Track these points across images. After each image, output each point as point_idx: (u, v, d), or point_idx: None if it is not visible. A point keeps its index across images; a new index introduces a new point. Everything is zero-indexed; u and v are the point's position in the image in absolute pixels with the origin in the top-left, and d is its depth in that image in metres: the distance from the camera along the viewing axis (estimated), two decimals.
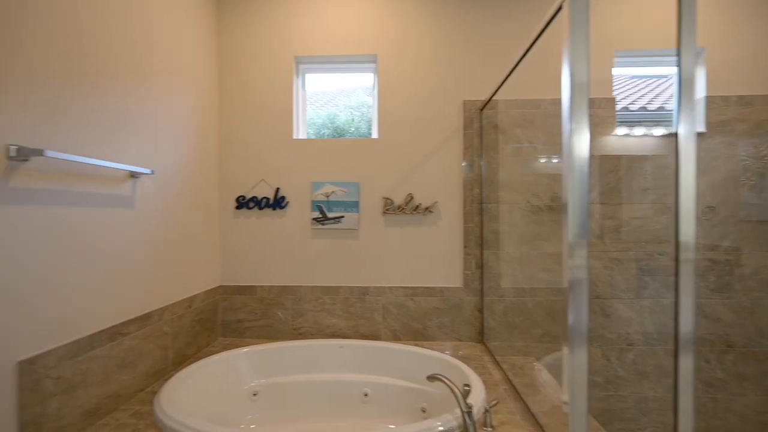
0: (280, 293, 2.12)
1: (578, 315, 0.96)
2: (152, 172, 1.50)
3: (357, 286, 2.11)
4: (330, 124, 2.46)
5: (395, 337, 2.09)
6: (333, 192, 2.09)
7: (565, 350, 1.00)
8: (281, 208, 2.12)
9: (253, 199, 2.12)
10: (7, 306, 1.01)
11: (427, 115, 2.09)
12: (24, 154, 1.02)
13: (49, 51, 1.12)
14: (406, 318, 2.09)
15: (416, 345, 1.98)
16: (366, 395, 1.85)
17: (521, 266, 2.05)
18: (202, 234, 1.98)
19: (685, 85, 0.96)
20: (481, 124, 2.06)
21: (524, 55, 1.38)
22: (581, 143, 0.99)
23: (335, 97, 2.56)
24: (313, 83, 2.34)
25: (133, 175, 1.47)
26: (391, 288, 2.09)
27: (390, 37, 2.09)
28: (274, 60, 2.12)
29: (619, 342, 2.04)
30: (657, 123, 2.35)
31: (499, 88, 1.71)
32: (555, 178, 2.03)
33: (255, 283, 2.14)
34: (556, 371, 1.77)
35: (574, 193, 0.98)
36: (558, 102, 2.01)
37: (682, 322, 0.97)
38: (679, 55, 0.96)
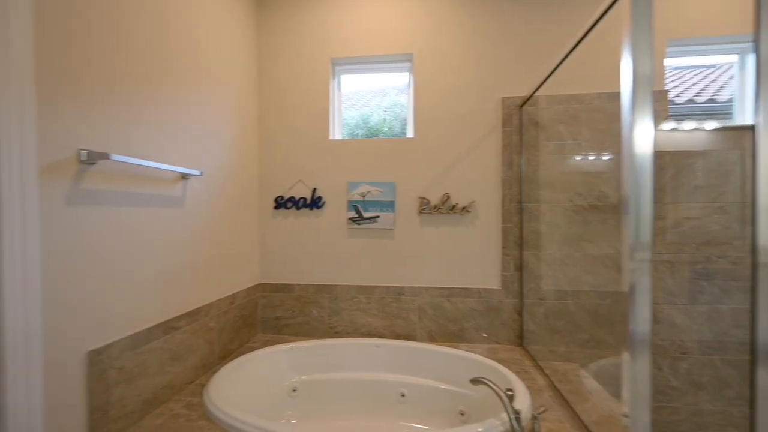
0: (316, 292, 2.16)
1: (641, 321, 0.91)
2: (201, 174, 1.56)
3: (392, 286, 2.10)
4: (363, 125, 2.47)
5: (431, 338, 2.07)
6: (369, 192, 2.10)
7: (626, 359, 0.95)
8: (318, 208, 2.15)
9: (291, 199, 2.17)
10: (78, 299, 1.08)
11: (463, 113, 2.05)
12: (92, 158, 1.09)
13: (113, 61, 1.19)
14: (442, 319, 2.07)
15: (453, 347, 1.96)
16: (403, 395, 1.84)
17: (563, 268, 1.97)
18: (243, 233, 2.05)
19: (764, 71, 0.88)
20: (520, 121, 2.00)
21: (573, 48, 1.33)
22: (644, 138, 0.93)
23: (368, 98, 2.57)
24: (347, 84, 2.36)
25: (184, 176, 1.54)
26: (427, 288, 2.07)
27: (426, 36, 2.07)
28: (311, 62, 2.16)
29: (672, 350, 1.91)
30: (709, 116, 2.19)
31: (542, 83, 1.65)
32: (600, 176, 1.93)
33: (292, 281, 2.19)
34: (604, 379, 1.69)
35: (635, 191, 0.92)
36: (604, 96, 1.93)
37: (761, 331, 0.89)
38: (757, 40, 0.88)
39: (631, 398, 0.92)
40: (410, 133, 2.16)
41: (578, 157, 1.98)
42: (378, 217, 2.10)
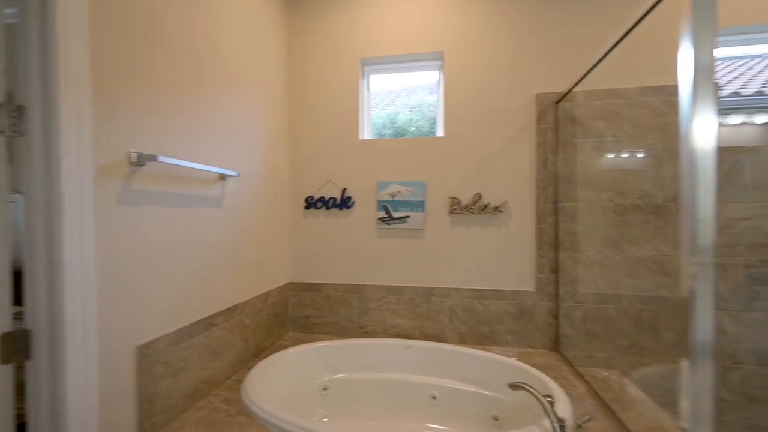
0: (346, 291, 2.17)
1: (702, 329, 0.85)
2: (238, 174, 1.60)
3: (422, 287, 2.08)
4: (390, 125, 2.46)
5: (462, 340, 2.04)
6: (399, 192, 2.09)
7: (685, 369, 0.89)
8: (347, 207, 2.16)
9: (321, 199, 2.19)
10: (128, 295, 1.13)
11: (495, 111, 2.00)
12: (141, 160, 1.14)
13: (159, 68, 1.24)
14: (473, 321, 2.03)
15: (485, 349, 1.91)
16: (434, 398, 1.82)
17: (603, 271, 1.89)
18: (275, 233, 2.08)
19: None
20: (556, 118, 1.93)
21: (620, 40, 1.26)
22: (705, 133, 0.87)
23: (394, 97, 2.56)
24: (374, 84, 2.36)
25: (222, 177, 1.58)
26: (457, 289, 2.04)
27: (457, 33, 2.04)
28: (341, 63, 2.17)
29: (723, 359, 1.79)
30: (760, 109, 2.04)
31: (583, 77, 1.59)
32: (643, 174, 1.84)
33: (322, 280, 2.21)
34: (649, 388, 1.60)
35: (695, 190, 0.86)
36: (648, 90, 1.83)
37: None
38: None
39: (691, 412, 0.86)
40: (440, 132, 2.13)
41: (619, 155, 1.89)
42: (408, 217, 2.08)
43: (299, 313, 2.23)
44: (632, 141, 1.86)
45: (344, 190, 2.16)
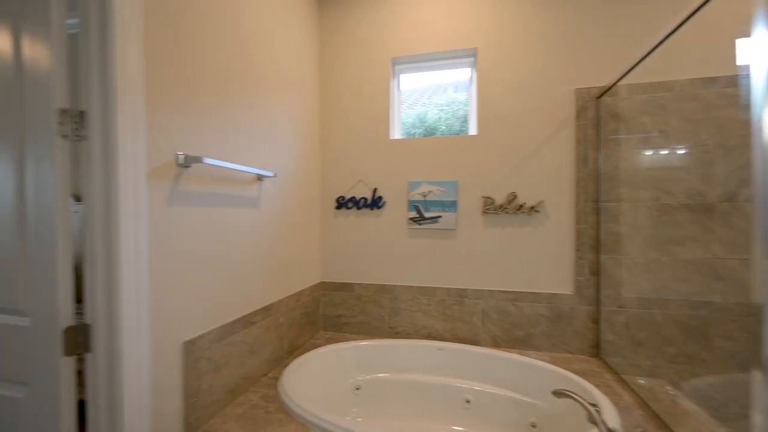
0: (376, 291, 2.16)
1: None
2: (275, 175, 1.63)
3: (454, 288, 2.05)
4: (420, 124, 2.44)
5: (495, 343, 1.99)
6: (430, 192, 2.07)
7: (757, 381, 0.82)
8: (378, 208, 2.16)
9: (352, 199, 2.19)
10: (175, 293, 1.17)
11: (532, 108, 1.94)
12: (188, 162, 1.17)
13: (201, 73, 1.28)
14: (507, 324, 1.98)
15: (520, 353, 1.86)
16: (468, 402, 1.79)
17: (648, 274, 1.79)
18: (307, 233, 2.11)
19: None
20: (597, 114, 1.84)
21: (675, 30, 1.19)
22: None
23: (422, 96, 2.53)
24: (403, 83, 2.34)
25: (260, 178, 1.61)
26: (491, 291, 1.99)
27: (490, 29, 1.99)
28: (372, 63, 2.17)
29: None
30: None
31: (630, 71, 1.51)
32: (693, 172, 1.72)
33: (353, 280, 2.22)
34: (702, 400, 1.51)
35: None
36: (698, 82, 1.72)
37: None
38: None
39: (764, 427, 0.79)
40: (473, 131, 2.09)
41: (666, 151, 1.79)
42: (440, 217, 2.05)
43: (330, 312, 2.25)
44: (681, 136, 1.75)
45: (375, 190, 2.16)
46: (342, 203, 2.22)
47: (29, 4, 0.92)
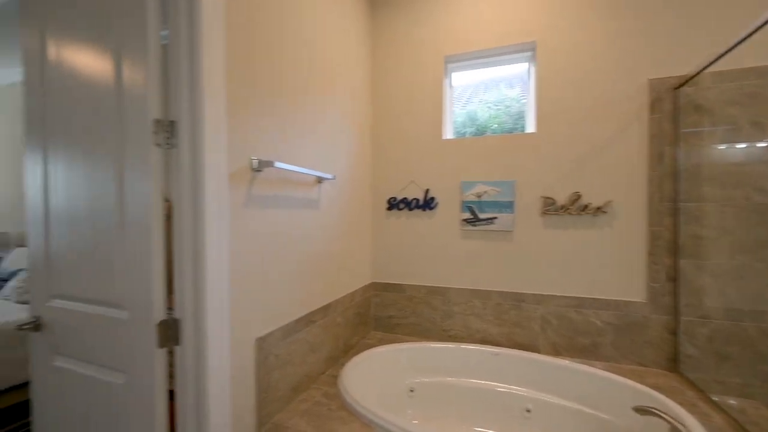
0: (428, 293, 2.14)
1: None
2: (334, 177, 1.67)
3: (511, 292, 1.97)
4: (470, 123, 2.38)
5: (556, 352, 1.89)
6: (485, 192, 2.01)
7: None
8: (431, 209, 2.14)
9: (404, 200, 2.19)
10: (248, 291, 1.22)
11: (598, 102, 1.82)
12: (261, 166, 1.23)
13: (270, 81, 1.33)
14: (569, 331, 1.87)
15: (585, 363, 1.75)
16: (528, 411, 1.71)
17: (738, 282, 1.61)
18: (360, 234, 2.13)
19: None
20: (675, 106, 1.69)
21: None
22: None
23: (475, 94, 2.46)
24: (454, 81, 2.29)
25: (319, 180, 1.65)
26: (551, 296, 1.89)
27: (550, 19, 1.89)
28: (424, 62, 2.15)
29: None
30: None
31: (719, 58, 1.36)
32: None
33: (404, 281, 2.21)
34: None
35: None
36: None
37: None
38: None
39: None
40: (530, 128, 2.00)
41: (760, 144, 1.60)
42: (495, 218, 1.99)
43: (382, 312, 2.26)
44: None
45: (427, 190, 2.14)
46: (393, 204, 2.22)
47: (130, 28, 1.00)
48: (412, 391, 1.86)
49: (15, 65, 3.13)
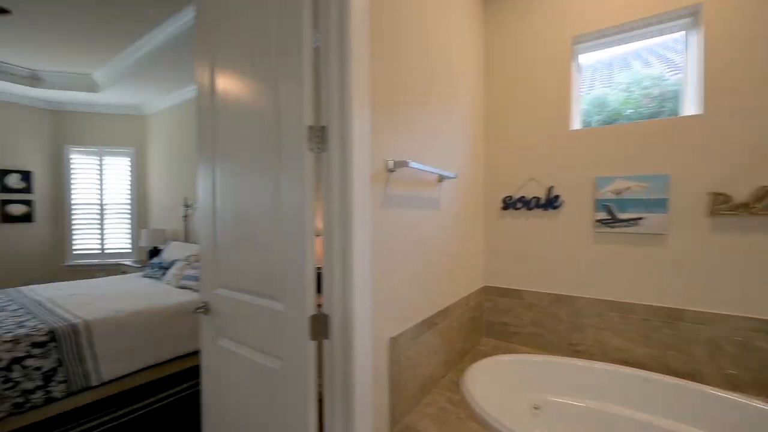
0: (552, 302, 1.93)
1: None
2: (455, 176, 1.61)
3: (663, 307, 1.66)
4: (599, 110, 2.07)
5: (731, 385, 1.52)
6: (627, 188, 1.72)
7: None
8: (554, 208, 1.93)
9: (521, 199, 2.02)
10: (384, 290, 1.24)
11: None
12: (396, 166, 1.23)
13: (402, 84, 1.33)
14: (752, 362, 1.48)
15: None
16: None
17: None
18: (474, 234, 2.04)
19: None
20: None
21: None
22: None
23: (602, 76, 2.14)
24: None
25: (440, 179, 1.61)
26: (725, 316, 1.53)
27: None
28: (547, 46, 1.95)
29: None
30: None
31: None
32: None
33: (521, 287, 2.04)
34: None
35: None
36: None
37: None
38: None
39: None
40: (691, 109, 1.65)
41: None
42: (640, 218, 1.69)
43: (495, 318, 2.13)
44: None
45: (550, 188, 1.93)
46: (509, 203, 2.06)
47: (287, 66, 1.07)
48: (536, 408, 1.69)
49: (184, 86, 3.77)
